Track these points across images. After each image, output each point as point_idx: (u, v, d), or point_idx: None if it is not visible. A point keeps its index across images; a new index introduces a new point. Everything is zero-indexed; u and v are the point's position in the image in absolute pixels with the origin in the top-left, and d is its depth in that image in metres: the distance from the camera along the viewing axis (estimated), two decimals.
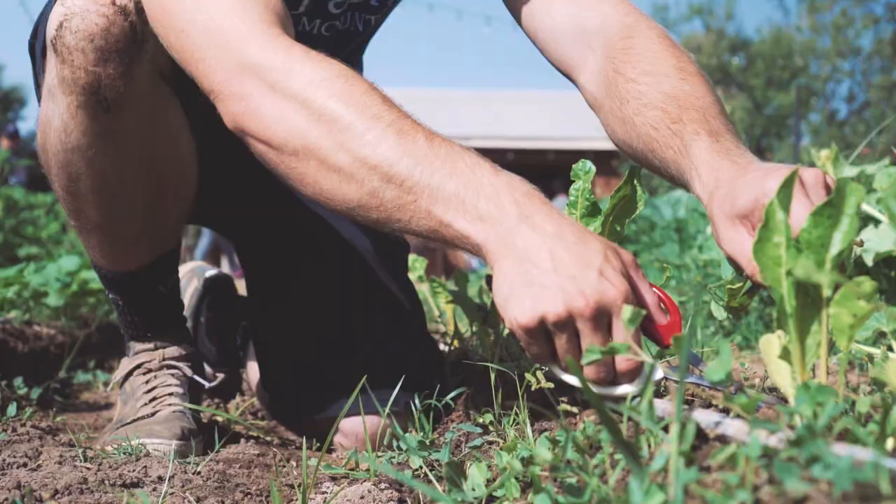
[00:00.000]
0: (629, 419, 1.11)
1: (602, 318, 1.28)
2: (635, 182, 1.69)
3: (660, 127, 1.61)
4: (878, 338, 2.29)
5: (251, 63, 1.49)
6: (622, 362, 1.31)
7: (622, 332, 1.27)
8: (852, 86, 37.62)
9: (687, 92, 1.62)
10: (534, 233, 1.30)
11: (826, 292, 1.06)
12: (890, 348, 1.64)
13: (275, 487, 1.18)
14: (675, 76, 1.66)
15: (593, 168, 1.73)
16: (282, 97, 1.46)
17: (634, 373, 1.31)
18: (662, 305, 1.40)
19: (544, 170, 22.68)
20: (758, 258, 1.09)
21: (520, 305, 1.28)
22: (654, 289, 1.40)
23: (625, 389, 1.33)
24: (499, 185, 1.36)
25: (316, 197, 1.49)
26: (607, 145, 1.77)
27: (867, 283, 1.00)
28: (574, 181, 1.72)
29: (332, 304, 2.17)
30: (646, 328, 1.36)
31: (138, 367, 2.06)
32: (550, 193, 13.70)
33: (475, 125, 23.80)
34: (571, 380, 1.33)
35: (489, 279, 2.52)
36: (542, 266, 1.28)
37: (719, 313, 1.70)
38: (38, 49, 1.88)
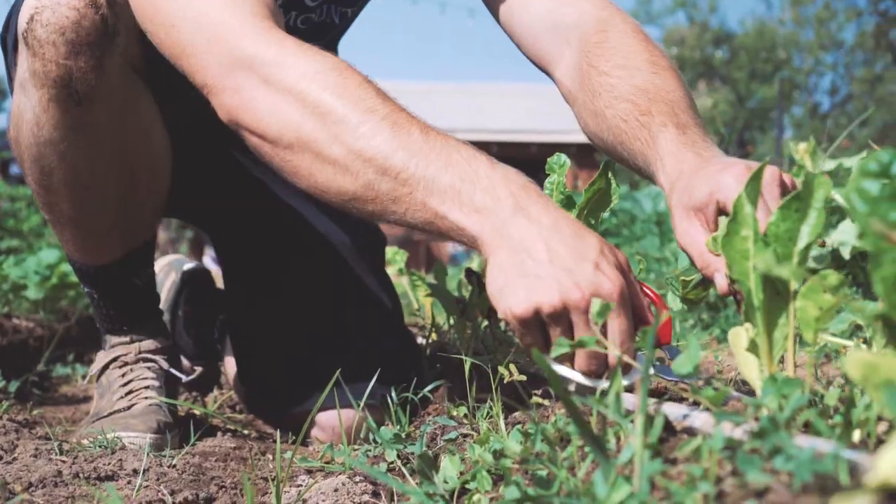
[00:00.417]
0: (598, 412, 1.11)
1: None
2: (609, 175, 1.69)
3: (629, 119, 1.61)
4: (855, 330, 2.30)
5: (244, 56, 1.48)
6: (614, 357, 1.30)
7: (616, 327, 1.27)
8: (835, 79, 37.80)
9: (658, 85, 1.63)
10: (530, 224, 1.30)
11: (793, 285, 1.07)
12: (865, 341, 1.65)
13: (247, 480, 1.18)
14: (647, 70, 1.66)
15: (568, 161, 1.74)
16: (276, 90, 1.46)
17: (627, 367, 1.31)
18: (653, 306, 1.40)
19: (527, 163, 22.72)
20: (725, 251, 1.10)
21: (514, 296, 1.28)
22: (646, 289, 1.40)
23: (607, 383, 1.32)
24: (495, 177, 1.35)
25: (311, 190, 1.49)
26: (587, 139, 1.76)
27: (833, 276, 1.00)
28: (549, 174, 1.73)
29: (308, 298, 2.17)
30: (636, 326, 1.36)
31: (114, 360, 2.06)
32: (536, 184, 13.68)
33: (458, 118, 23.78)
34: (564, 371, 1.33)
35: (468, 272, 2.53)
36: (537, 257, 1.27)
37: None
38: (9, 42, 1.87)
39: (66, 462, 1.58)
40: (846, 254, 2.99)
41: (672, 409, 1.07)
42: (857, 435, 0.97)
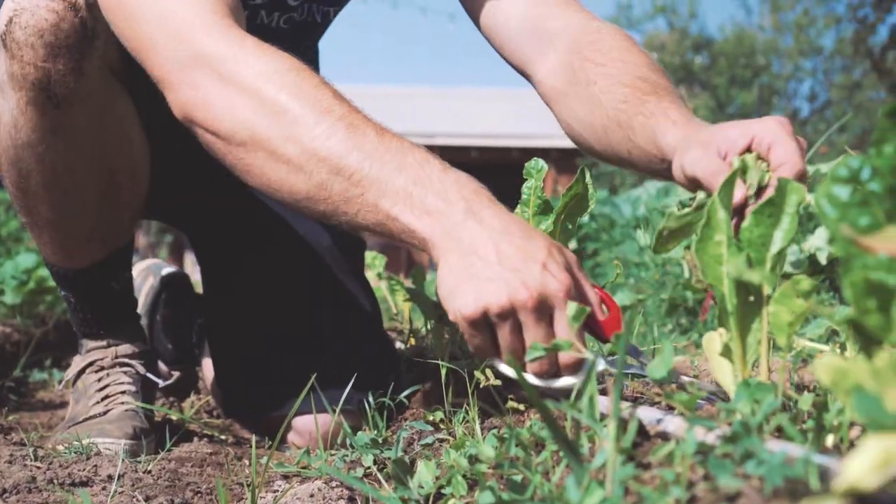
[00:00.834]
0: (572, 417, 1.11)
1: (544, 311, 1.29)
2: (587, 180, 1.69)
3: (630, 99, 1.63)
4: (832, 335, 2.31)
5: (203, 53, 1.49)
6: (565, 357, 1.31)
7: (564, 326, 1.28)
8: (814, 85, 37.99)
9: (659, 79, 1.66)
10: (480, 228, 1.31)
11: (766, 290, 1.07)
12: (842, 346, 1.66)
13: (221, 486, 1.17)
14: (647, 66, 1.69)
15: (545, 166, 1.74)
16: (232, 88, 1.46)
17: (576, 366, 1.32)
18: (603, 304, 1.41)
19: (508, 167, 22.76)
20: (699, 256, 1.10)
21: (463, 297, 1.29)
22: (595, 288, 1.41)
23: (566, 382, 1.34)
24: (447, 181, 1.37)
25: (263, 188, 1.50)
26: (569, 143, 1.77)
27: (805, 282, 1.01)
28: (527, 179, 1.73)
29: (287, 301, 2.16)
30: (587, 324, 1.37)
31: (90, 364, 2.05)
32: (516, 189, 13.70)
33: (439, 123, 23.77)
34: (511, 373, 1.34)
35: None
36: (486, 259, 1.29)
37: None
38: None
39: (40, 468, 1.58)
40: (823, 259, 3.01)
41: (646, 414, 1.08)
42: (830, 440, 0.98)
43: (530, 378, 1.33)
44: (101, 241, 1.99)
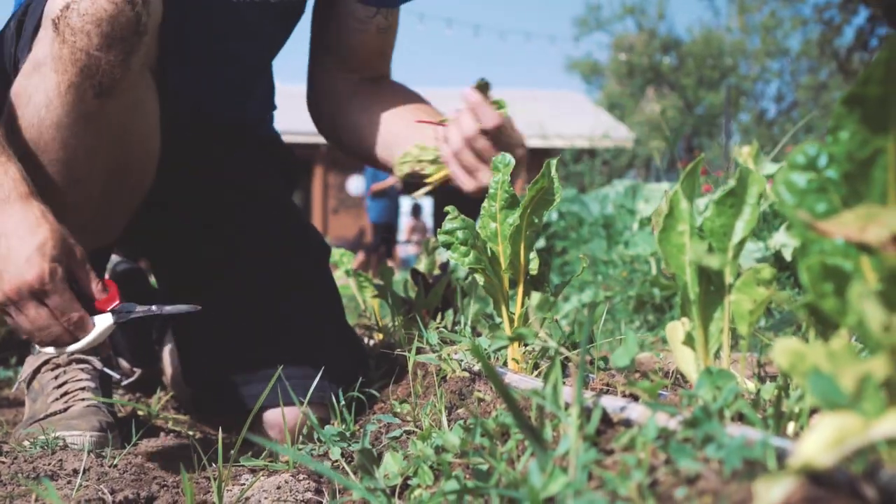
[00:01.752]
0: (537, 405, 1.12)
1: (33, 295, 1.57)
2: (553, 174, 1.70)
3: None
4: (797, 330, 2.33)
5: None
6: (68, 322, 1.60)
7: (57, 301, 1.58)
8: (781, 86, 38.27)
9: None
10: None
11: (728, 279, 1.09)
12: (805, 339, 1.67)
13: (187, 479, 1.17)
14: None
15: (513, 161, 1.75)
16: None
17: (82, 325, 1.62)
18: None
19: None
20: (662, 246, 1.11)
21: None
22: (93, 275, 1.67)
23: (79, 345, 1.63)
24: None
25: None
26: (542, 143, 1.84)
27: (766, 270, 1.02)
28: (494, 174, 1.74)
29: (251, 296, 2.15)
30: (88, 305, 1.65)
31: (46, 363, 2.02)
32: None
33: None
34: (48, 350, 1.65)
35: (414, 273, 2.53)
36: None
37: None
38: (28, 26, 1.88)
39: (4, 462, 1.57)
40: (788, 255, 3.04)
41: (610, 402, 1.08)
42: (791, 427, 0.99)
43: (49, 350, 1.64)
44: (94, 233, 1.97)
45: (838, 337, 0.74)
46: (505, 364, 1.69)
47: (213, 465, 1.76)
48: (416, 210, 23.40)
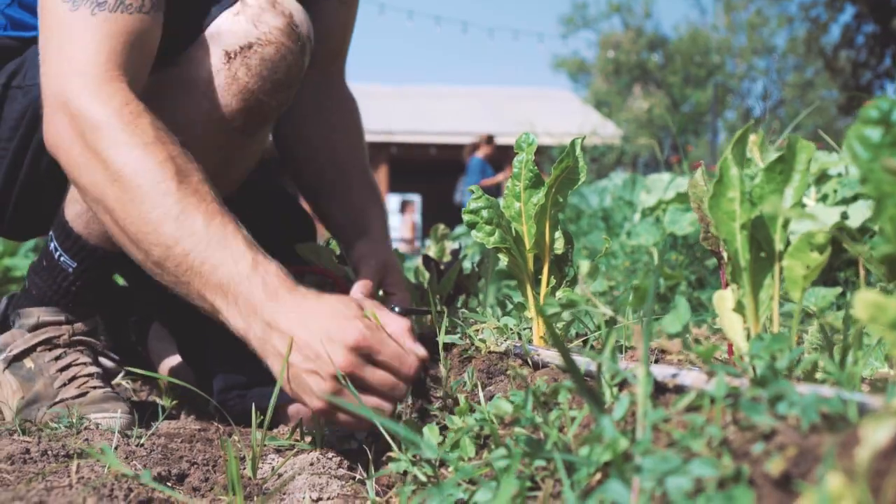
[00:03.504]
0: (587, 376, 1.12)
1: (365, 358, 1.41)
2: (577, 154, 1.70)
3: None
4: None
5: (72, 106, 1.57)
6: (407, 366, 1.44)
7: (388, 350, 1.42)
8: (767, 84, 38.39)
9: None
10: (277, 339, 1.42)
11: (778, 246, 1.08)
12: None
13: (232, 451, 1.16)
14: None
15: (536, 140, 1.74)
16: (86, 149, 1.55)
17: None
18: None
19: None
20: (712, 213, 1.11)
21: (307, 395, 1.41)
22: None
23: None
24: (254, 279, 1.45)
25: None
26: None
27: (820, 235, 1.02)
28: (517, 153, 1.73)
29: None
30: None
31: (42, 342, 1.96)
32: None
33: (398, 120, 23.78)
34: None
35: (426, 259, 2.52)
36: (295, 365, 1.40)
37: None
38: (184, 37, 1.81)
39: (30, 441, 1.55)
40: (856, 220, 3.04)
41: (660, 370, 1.08)
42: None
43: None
44: None
45: None
46: (530, 342, 1.68)
47: (238, 446, 1.76)
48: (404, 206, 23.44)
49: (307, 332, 1.39)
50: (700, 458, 0.77)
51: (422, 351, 1.46)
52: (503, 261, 1.75)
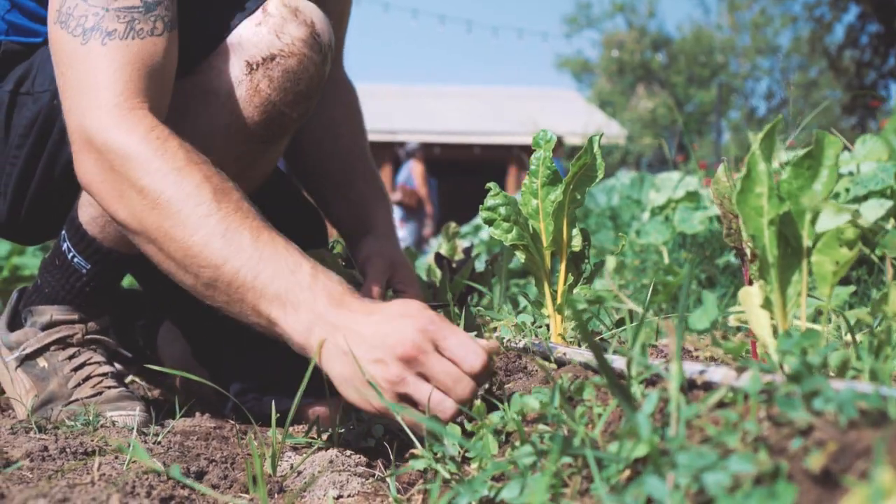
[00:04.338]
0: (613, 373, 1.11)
1: (431, 345, 1.35)
2: (595, 150, 1.69)
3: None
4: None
5: (92, 138, 1.55)
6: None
7: (453, 340, 1.36)
8: (771, 83, 38.36)
9: None
10: (342, 338, 1.37)
11: (806, 242, 1.08)
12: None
13: (255, 447, 1.16)
14: None
15: (554, 137, 1.74)
16: (119, 182, 1.52)
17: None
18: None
19: (471, 163, 22.79)
20: (740, 208, 1.10)
21: (371, 390, 1.34)
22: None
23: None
24: (317, 288, 1.41)
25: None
26: (530, 140, 1.81)
27: (850, 230, 1.01)
28: (535, 150, 1.72)
29: None
30: None
31: (56, 342, 1.94)
32: (478, 185, 13.71)
33: (402, 120, 23.77)
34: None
35: (438, 257, 2.51)
36: (360, 357, 1.35)
37: None
38: (204, 35, 1.79)
39: (48, 439, 1.55)
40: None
41: (687, 366, 1.07)
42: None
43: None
44: None
45: None
46: (546, 340, 1.67)
47: (254, 443, 1.76)
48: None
49: (373, 327, 1.35)
50: (737, 453, 0.76)
51: (492, 343, 1.41)
52: (520, 258, 1.75)
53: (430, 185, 14.73)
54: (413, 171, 14.68)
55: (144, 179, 1.49)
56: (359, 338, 1.35)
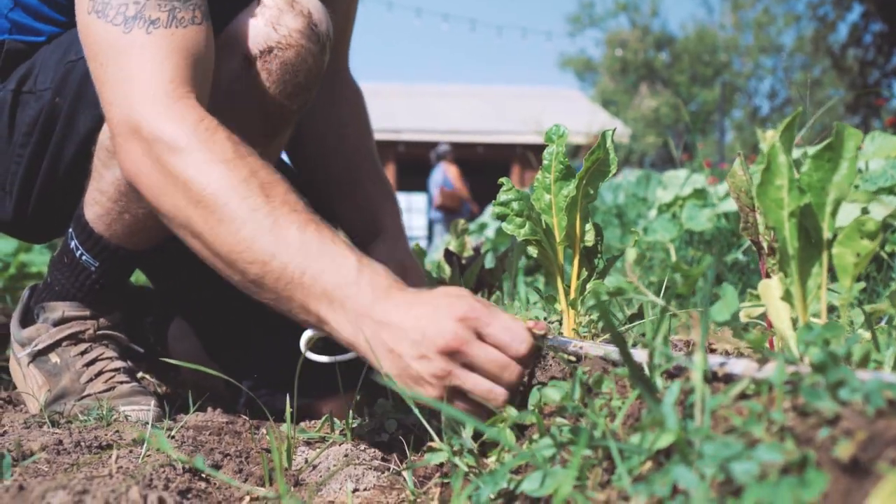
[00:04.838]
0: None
1: (473, 332, 1.32)
2: (608, 145, 1.69)
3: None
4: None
5: (139, 128, 1.50)
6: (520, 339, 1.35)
7: (498, 324, 1.34)
8: (774, 83, 38.32)
9: None
10: (387, 334, 1.34)
11: (826, 234, 1.07)
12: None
13: (274, 441, 1.16)
14: None
15: (567, 132, 1.74)
16: (166, 173, 1.48)
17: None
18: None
19: (475, 162, 22.77)
20: (760, 200, 1.10)
21: (420, 386, 1.32)
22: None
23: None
24: (362, 282, 1.38)
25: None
26: (534, 139, 1.81)
27: (871, 222, 1.01)
28: (548, 145, 1.72)
29: None
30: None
31: (68, 337, 1.94)
32: (481, 184, 13.69)
33: (406, 119, 23.79)
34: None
35: (447, 253, 2.51)
36: (405, 355, 1.32)
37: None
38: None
39: (62, 433, 1.55)
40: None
41: (707, 358, 1.07)
42: None
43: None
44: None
45: None
46: (560, 335, 1.67)
47: (267, 438, 1.76)
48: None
49: (413, 321, 1.32)
50: (764, 443, 0.76)
51: (539, 324, 1.38)
52: (532, 253, 1.74)
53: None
54: (448, 173, 14.72)
55: (190, 171, 1.45)
56: (401, 333, 1.31)
